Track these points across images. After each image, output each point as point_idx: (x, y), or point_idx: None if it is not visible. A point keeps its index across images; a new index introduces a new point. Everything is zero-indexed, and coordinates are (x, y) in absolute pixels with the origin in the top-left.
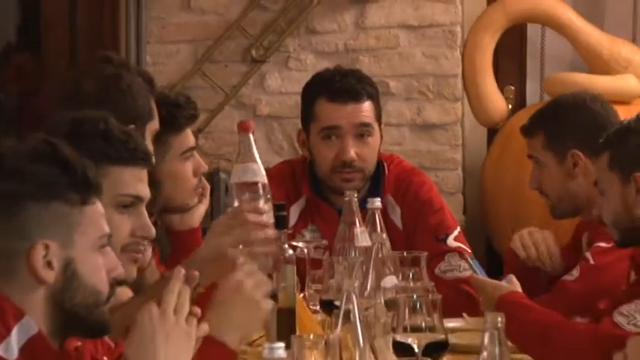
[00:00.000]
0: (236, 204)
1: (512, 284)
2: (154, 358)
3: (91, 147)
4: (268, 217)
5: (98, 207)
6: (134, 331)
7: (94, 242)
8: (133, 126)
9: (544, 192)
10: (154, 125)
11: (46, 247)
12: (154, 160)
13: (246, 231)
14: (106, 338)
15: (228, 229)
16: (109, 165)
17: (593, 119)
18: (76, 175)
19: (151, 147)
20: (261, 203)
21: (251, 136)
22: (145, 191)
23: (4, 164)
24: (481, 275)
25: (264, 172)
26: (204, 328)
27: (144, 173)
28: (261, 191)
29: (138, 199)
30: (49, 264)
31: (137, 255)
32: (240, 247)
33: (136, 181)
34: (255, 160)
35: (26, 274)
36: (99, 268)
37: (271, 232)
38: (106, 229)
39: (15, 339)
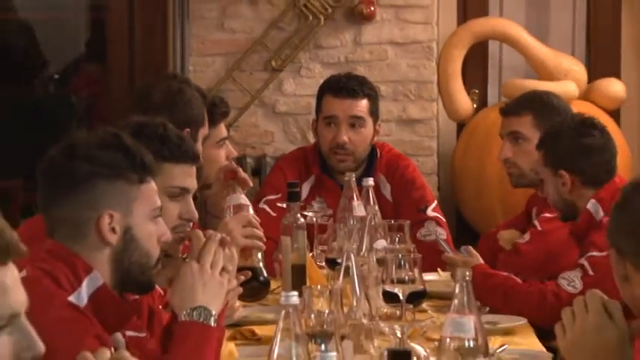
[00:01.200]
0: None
1: (472, 255)
2: (192, 303)
3: (150, 147)
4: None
5: (152, 185)
6: (178, 281)
7: (149, 213)
8: (188, 130)
9: (515, 162)
10: (205, 130)
11: (111, 216)
12: (201, 158)
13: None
14: (157, 287)
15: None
16: (164, 162)
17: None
18: (135, 160)
19: (201, 148)
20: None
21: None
22: (192, 184)
23: (78, 151)
24: (451, 253)
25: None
26: (234, 282)
27: (192, 170)
28: (246, 209)
29: (185, 190)
30: (113, 229)
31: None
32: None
33: (185, 176)
34: (241, 193)
35: (95, 238)
36: (152, 235)
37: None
38: (158, 203)
39: (85, 289)
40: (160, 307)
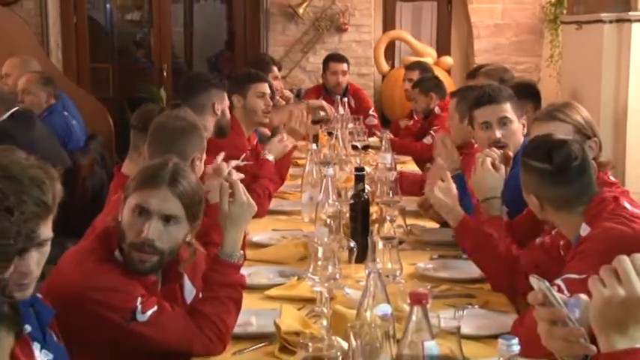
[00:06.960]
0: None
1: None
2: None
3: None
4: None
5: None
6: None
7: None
8: (271, 73)
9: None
10: (273, 74)
11: (217, 103)
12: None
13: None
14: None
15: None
16: (252, 83)
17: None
18: (222, 78)
19: (272, 81)
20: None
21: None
22: (267, 91)
23: (200, 79)
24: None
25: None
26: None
27: (266, 85)
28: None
29: (266, 94)
30: (218, 110)
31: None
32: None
33: (265, 87)
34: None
35: (211, 112)
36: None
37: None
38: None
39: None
40: None
